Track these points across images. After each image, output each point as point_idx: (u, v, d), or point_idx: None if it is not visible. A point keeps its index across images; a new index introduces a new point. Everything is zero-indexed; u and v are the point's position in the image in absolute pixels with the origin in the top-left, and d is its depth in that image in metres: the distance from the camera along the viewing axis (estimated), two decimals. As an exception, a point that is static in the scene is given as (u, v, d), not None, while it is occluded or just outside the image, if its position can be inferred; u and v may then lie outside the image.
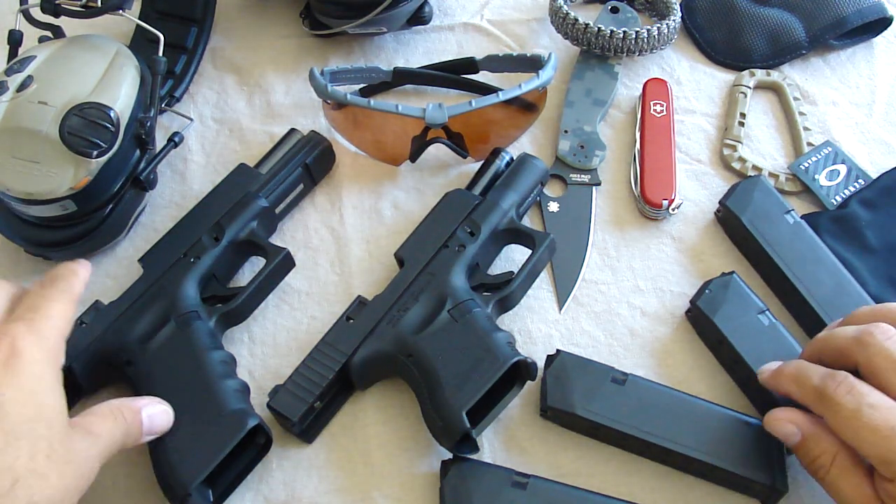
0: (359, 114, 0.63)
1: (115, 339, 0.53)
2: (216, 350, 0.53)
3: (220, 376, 0.51)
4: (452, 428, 0.49)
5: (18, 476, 0.38)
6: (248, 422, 0.49)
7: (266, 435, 0.51)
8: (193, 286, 0.55)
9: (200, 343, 0.52)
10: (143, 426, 0.47)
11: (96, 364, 0.53)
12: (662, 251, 0.62)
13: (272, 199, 0.60)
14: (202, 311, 0.54)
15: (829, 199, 0.62)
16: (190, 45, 0.70)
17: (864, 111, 0.69)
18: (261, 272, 0.56)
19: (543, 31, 0.74)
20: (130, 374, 0.52)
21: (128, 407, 0.46)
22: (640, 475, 0.52)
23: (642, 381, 0.53)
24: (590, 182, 0.65)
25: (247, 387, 0.52)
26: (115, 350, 0.53)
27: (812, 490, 0.51)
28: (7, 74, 0.56)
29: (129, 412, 0.46)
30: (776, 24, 0.71)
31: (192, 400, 0.50)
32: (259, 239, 0.58)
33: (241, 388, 0.52)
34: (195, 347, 0.52)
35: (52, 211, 0.56)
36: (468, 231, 0.57)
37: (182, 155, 0.66)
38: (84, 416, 0.44)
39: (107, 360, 0.52)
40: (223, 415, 0.49)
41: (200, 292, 0.56)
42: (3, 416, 0.39)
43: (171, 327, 0.53)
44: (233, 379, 0.52)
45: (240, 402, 0.50)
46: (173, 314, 0.53)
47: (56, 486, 0.39)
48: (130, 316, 0.54)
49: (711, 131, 0.68)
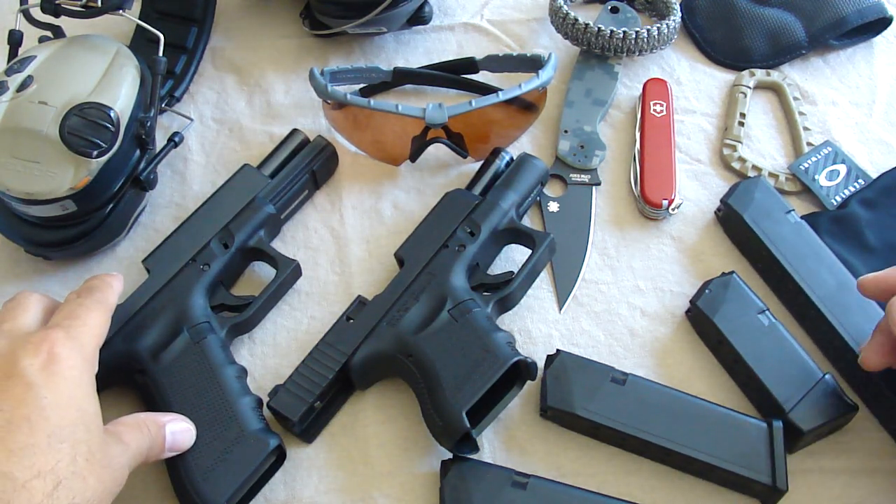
0: (359, 114, 0.63)
1: (126, 346, 0.53)
2: (231, 365, 0.53)
3: (238, 394, 0.51)
4: (452, 428, 0.49)
5: (61, 478, 0.38)
6: (270, 443, 0.49)
7: (282, 450, 0.51)
8: (203, 294, 0.55)
9: (216, 358, 0.52)
10: (165, 442, 0.47)
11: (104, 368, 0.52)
12: (662, 251, 0.62)
13: (279, 205, 0.60)
14: (213, 322, 0.54)
15: (829, 199, 0.62)
16: (190, 45, 0.70)
17: (864, 111, 0.69)
18: (272, 283, 0.57)
19: (543, 31, 0.74)
20: (142, 382, 0.52)
21: (153, 421, 0.47)
22: (640, 475, 0.52)
23: (642, 381, 0.53)
24: (590, 182, 0.65)
25: (260, 401, 0.52)
26: (125, 357, 0.52)
27: (812, 490, 0.51)
28: (7, 74, 0.56)
29: (153, 426, 0.47)
30: (776, 24, 0.71)
31: (211, 417, 0.50)
32: (267, 248, 0.58)
33: (257, 405, 0.52)
34: (211, 363, 0.52)
35: (53, 211, 0.56)
36: (468, 231, 0.57)
37: (182, 155, 0.66)
38: (114, 424, 0.45)
39: (116, 366, 0.52)
40: (245, 435, 0.49)
41: (209, 301, 0.56)
42: (45, 419, 0.39)
43: (184, 339, 0.53)
44: (249, 396, 0.52)
45: (259, 422, 0.50)
46: (185, 324, 0.53)
47: (95, 488, 0.40)
48: (140, 323, 0.54)
49: (711, 131, 0.68)
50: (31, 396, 0.40)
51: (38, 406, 0.39)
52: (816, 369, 0.53)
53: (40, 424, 0.39)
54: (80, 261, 0.61)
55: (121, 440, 0.44)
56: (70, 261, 0.61)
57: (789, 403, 0.51)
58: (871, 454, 0.53)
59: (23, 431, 0.38)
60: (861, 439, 0.53)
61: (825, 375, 0.52)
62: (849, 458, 0.53)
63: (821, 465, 0.52)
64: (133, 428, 0.45)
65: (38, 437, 0.39)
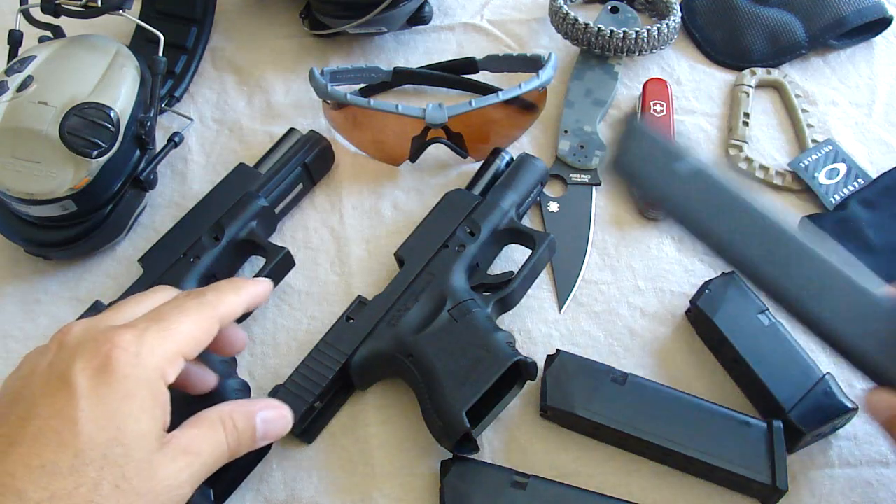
0: (359, 114, 0.63)
1: None
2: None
3: (224, 376, 0.51)
4: (452, 428, 0.49)
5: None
6: None
7: None
8: (193, 286, 0.55)
9: None
10: (256, 432, 0.42)
11: None
12: (662, 251, 0.62)
13: (272, 198, 0.60)
14: None
15: (829, 197, 0.62)
16: (190, 45, 0.70)
17: (864, 111, 0.69)
18: (261, 272, 0.56)
19: (543, 31, 0.74)
20: None
21: (241, 412, 0.42)
22: (640, 475, 0.52)
23: (642, 381, 0.53)
24: (590, 182, 0.65)
25: (247, 386, 0.52)
26: None
27: (812, 490, 0.51)
28: (7, 74, 0.56)
29: (241, 418, 0.42)
30: (776, 24, 0.71)
31: (197, 403, 0.49)
32: (259, 238, 0.58)
33: (241, 388, 0.51)
34: None
35: (52, 211, 0.56)
36: (468, 231, 0.57)
37: (182, 155, 0.66)
38: (185, 429, 0.40)
39: None
40: None
41: None
42: (75, 435, 0.35)
43: None
44: (233, 378, 0.52)
45: None
46: None
47: None
48: None
49: (711, 131, 0.68)
50: (70, 407, 0.35)
51: (72, 419, 0.35)
52: (816, 369, 0.53)
53: (69, 441, 0.35)
54: (80, 261, 0.61)
55: (186, 451, 0.39)
56: (70, 261, 0.61)
57: (789, 403, 0.51)
58: (872, 454, 0.53)
59: (49, 447, 0.35)
60: (861, 440, 0.53)
61: (825, 375, 0.52)
62: (849, 459, 0.53)
63: (821, 465, 0.52)
64: (209, 429, 0.40)
65: (62, 456, 0.35)
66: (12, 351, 0.57)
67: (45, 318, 0.59)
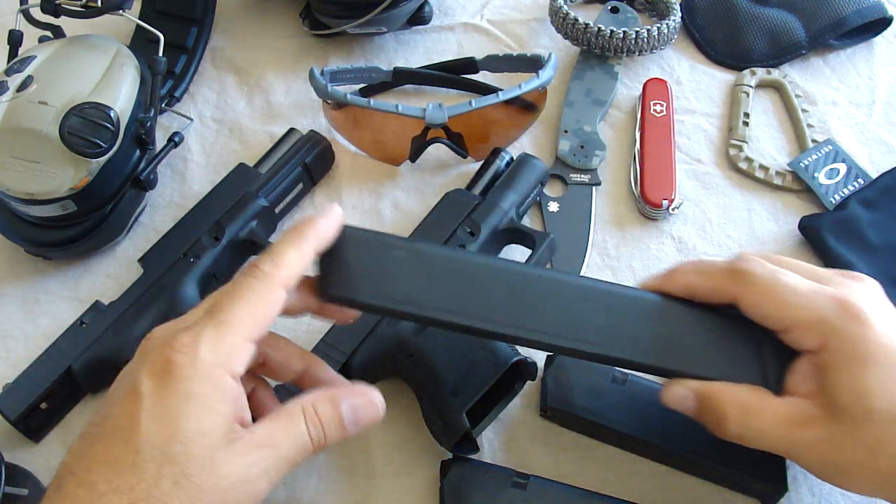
0: (359, 114, 0.63)
1: (116, 339, 0.53)
2: None
3: None
4: (452, 428, 0.49)
5: (135, 500, 0.35)
6: None
7: None
8: (193, 286, 0.55)
9: None
10: (344, 421, 0.41)
11: (97, 365, 0.53)
12: (662, 251, 0.62)
13: (272, 198, 0.60)
14: None
15: (829, 197, 0.62)
16: (190, 45, 0.70)
17: (864, 111, 0.69)
18: None
19: (543, 31, 0.74)
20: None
21: (325, 400, 0.41)
22: (640, 475, 0.52)
23: (642, 381, 0.53)
24: (590, 182, 0.65)
25: None
26: (115, 351, 0.53)
27: (812, 490, 0.51)
28: (7, 74, 0.56)
29: (324, 407, 0.41)
30: (776, 24, 0.71)
31: None
32: (259, 238, 0.58)
33: None
34: None
35: (52, 211, 0.56)
36: (468, 231, 0.57)
37: (182, 155, 0.66)
38: (263, 422, 0.39)
39: (107, 361, 0.52)
40: None
41: (200, 293, 0.56)
42: (137, 434, 0.36)
43: None
44: None
45: None
46: (173, 315, 0.53)
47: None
48: (131, 315, 0.54)
49: (711, 131, 0.68)
50: (135, 409, 0.37)
51: (135, 419, 0.37)
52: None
53: (131, 439, 0.36)
54: (80, 261, 0.61)
55: (261, 446, 0.38)
56: (70, 261, 0.61)
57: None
58: (872, 454, 0.53)
59: (117, 444, 0.37)
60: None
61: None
62: (849, 458, 0.53)
63: (821, 465, 0.52)
64: (289, 420, 0.40)
65: (125, 453, 0.36)
66: (12, 351, 0.57)
67: (45, 318, 0.59)
